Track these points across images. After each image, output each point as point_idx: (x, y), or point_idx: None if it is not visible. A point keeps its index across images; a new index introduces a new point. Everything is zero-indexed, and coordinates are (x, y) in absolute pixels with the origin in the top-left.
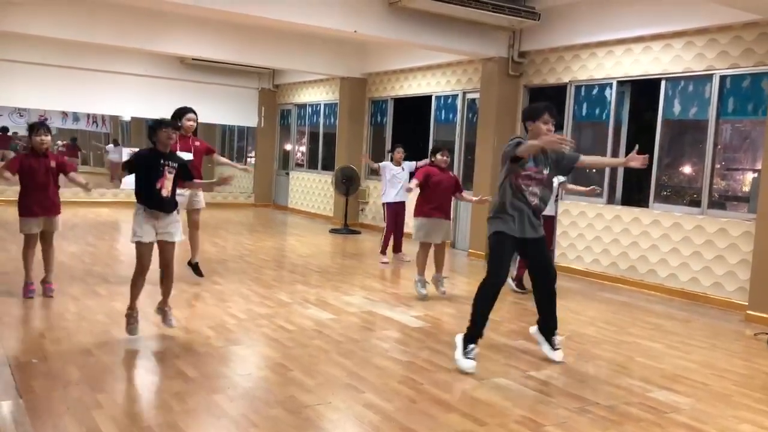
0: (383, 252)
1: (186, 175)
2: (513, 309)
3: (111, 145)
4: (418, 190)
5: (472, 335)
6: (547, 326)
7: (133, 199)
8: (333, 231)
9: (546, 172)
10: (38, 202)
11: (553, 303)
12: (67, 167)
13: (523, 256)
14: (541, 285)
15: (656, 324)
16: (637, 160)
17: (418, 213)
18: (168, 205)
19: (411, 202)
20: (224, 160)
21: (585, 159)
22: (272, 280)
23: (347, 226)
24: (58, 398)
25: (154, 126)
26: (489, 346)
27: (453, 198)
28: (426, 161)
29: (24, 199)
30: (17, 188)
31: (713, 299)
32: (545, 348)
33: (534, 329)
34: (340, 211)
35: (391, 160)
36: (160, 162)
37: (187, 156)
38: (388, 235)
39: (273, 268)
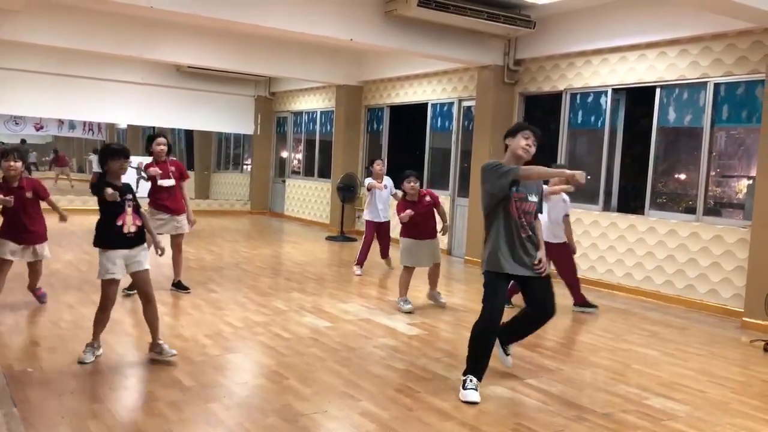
0: (360, 264)
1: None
2: (508, 317)
3: (93, 155)
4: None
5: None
6: (511, 339)
7: None
8: (329, 238)
9: (536, 199)
10: (17, 232)
11: (533, 331)
12: (42, 193)
13: (522, 288)
14: (536, 319)
15: (652, 331)
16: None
17: (405, 234)
18: (133, 241)
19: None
20: (186, 198)
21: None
22: (268, 288)
23: (343, 234)
24: (54, 408)
25: (105, 153)
26: None
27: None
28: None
29: (6, 225)
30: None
31: (709, 306)
32: (499, 352)
33: (500, 353)
34: (337, 219)
35: (370, 175)
36: (122, 196)
37: (168, 183)
38: (366, 250)
39: (269, 275)
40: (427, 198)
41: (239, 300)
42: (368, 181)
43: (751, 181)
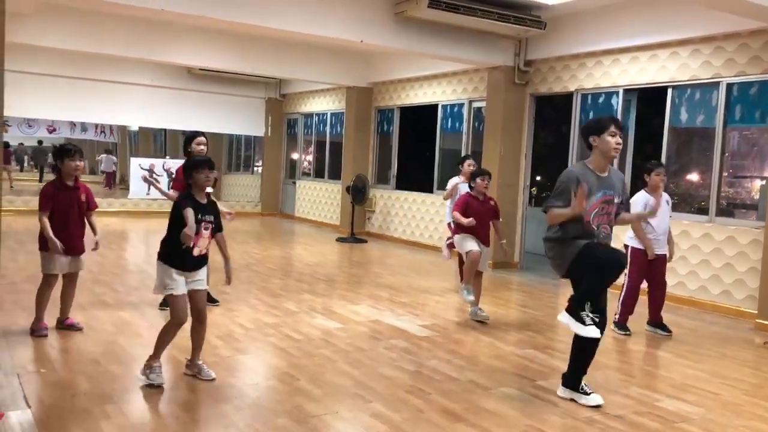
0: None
1: (218, 227)
2: (520, 318)
3: (104, 155)
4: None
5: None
6: (578, 377)
7: (142, 208)
8: (340, 240)
9: (617, 200)
10: (66, 239)
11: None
12: (92, 202)
13: None
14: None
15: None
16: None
17: (461, 231)
18: (196, 264)
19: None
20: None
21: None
22: (279, 289)
23: (354, 235)
24: (66, 408)
25: (189, 166)
26: (496, 356)
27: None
28: (455, 180)
29: (44, 238)
30: (26, 197)
31: (722, 308)
32: (582, 400)
33: (562, 390)
34: (347, 220)
35: (460, 173)
36: (198, 217)
37: (208, 189)
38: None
39: (280, 277)
40: (492, 202)
41: (250, 301)
42: (453, 181)
43: (764, 182)
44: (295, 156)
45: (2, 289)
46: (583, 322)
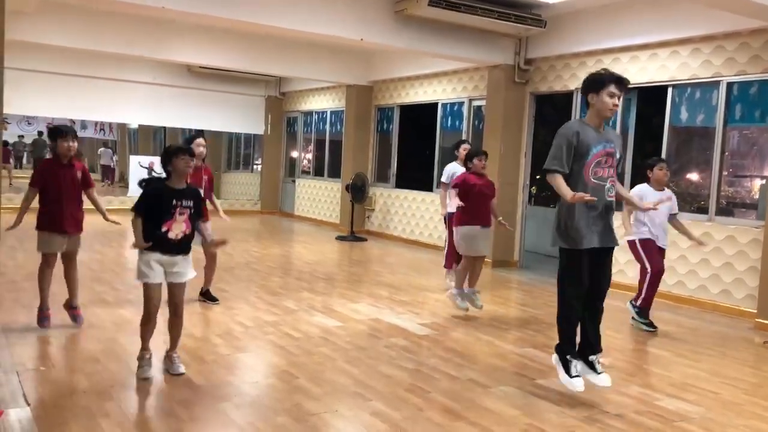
0: (451, 267)
1: (198, 213)
2: (519, 317)
3: (102, 148)
4: (457, 200)
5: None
6: (587, 345)
7: None
8: (339, 238)
9: (618, 156)
10: (62, 217)
11: (597, 319)
12: (90, 183)
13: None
14: (588, 298)
15: (664, 332)
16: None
17: (463, 222)
18: (175, 248)
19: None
20: (216, 203)
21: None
22: (279, 288)
23: (353, 234)
24: (66, 406)
25: (169, 152)
26: (495, 355)
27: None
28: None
29: (45, 213)
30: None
31: (721, 307)
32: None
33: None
34: (347, 219)
35: (456, 159)
36: (171, 201)
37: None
38: (453, 249)
39: (279, 275)
40: (489, 181)
41: (250, 299)
42: (451, 168)
43: (764, 181)
44: (294, 154)
45: (2, 287)
46: (568, 372)
